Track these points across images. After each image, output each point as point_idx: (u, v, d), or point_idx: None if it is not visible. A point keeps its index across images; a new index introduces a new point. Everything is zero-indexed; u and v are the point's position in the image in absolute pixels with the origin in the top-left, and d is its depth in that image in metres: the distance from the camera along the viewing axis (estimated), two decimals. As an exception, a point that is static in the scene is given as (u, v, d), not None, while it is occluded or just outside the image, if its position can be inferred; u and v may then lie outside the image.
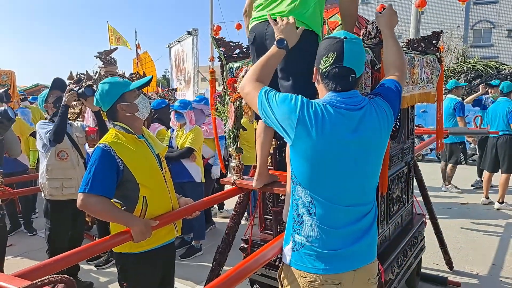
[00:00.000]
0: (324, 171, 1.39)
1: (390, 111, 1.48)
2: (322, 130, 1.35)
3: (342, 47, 1.38)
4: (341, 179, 1.41)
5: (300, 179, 1.43)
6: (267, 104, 1.43)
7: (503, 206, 5.40)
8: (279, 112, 1.40)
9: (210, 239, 4.36)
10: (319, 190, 1.41)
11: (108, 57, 4.61)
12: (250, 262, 1.54)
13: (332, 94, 1.42)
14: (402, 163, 2.62)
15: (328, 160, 1.38)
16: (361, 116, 1.40)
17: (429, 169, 7.16)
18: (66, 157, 3.15)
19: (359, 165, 1.41)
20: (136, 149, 1.93)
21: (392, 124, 1.51)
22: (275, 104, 1.41)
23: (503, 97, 5.65)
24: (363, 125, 1.40)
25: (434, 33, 2.75)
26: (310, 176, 1.40)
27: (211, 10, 15.71)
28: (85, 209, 1.83)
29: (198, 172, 4.05)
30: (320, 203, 1.41)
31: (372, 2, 27.01)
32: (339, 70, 1.38)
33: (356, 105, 1.41)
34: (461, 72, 11.53)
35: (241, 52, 2.40)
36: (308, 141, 1.36)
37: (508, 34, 26.16)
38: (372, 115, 1.42)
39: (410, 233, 2.68)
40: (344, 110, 1.38)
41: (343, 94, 1.41)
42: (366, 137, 1.40)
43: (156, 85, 15.71)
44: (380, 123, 1.44)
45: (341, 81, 1.40)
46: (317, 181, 1.41)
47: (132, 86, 1.98)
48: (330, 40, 1.42)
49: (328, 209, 1.41)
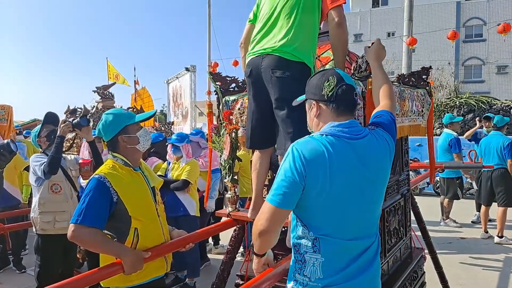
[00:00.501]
0: (332, 206, 1.37)
1: (391, 141, 1.49)
2: (328, 168, 1.33)
3: (337, 71, 1.47)
4: (348, 211, 1.39)
5: (306, 221, 1.41)
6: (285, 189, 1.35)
7: (502, 240, 5.33)
8: (288, 184, 1.35)
9: (205, 276, 4.24)
10: (325, 226, 1.39)
11: (106, 92, 4.69)
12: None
13: (332, 125, 1.42)
14: (398, 195, 2.61)
15: (336, 194, 1.36)
16: (365, 145, 1.40)
17: (426, 203, 7.11)
18: (60, 190, 3.12)
19: (366, 195, 1.40)
20: (131, 182, 1.93)
21: (393, 154, 1.51)
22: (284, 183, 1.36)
23: (496, 131, 5.75)
24: (368, 154, 1.40)
25: (424, 68, 2.83)
26: (318, 215, 1.39)
27: (208, 47, 16.20)
28: (75, 240, 1.80)
29: (193, 205, 3.99)
30: (325, 240, 1.38)
31: (364, 40, 27.99)
32: (346, 87, 1.42)
33: (358, 133, 1.41)
34: (454, 107, 11.74)
35: (236, 86, 2.45)
36: (317, 187, 1.34)
37: (498, 70, 26.99)
38: (375, 145, 1.43)
39: (409, 267, 2.62)
40: (348, 140, 1.38)
41: (343, 125, 1.41)
42: (372, 167, 1.40)
43: (154, 119, 15.86)
44: (383, 153, 1.45)
45: (348, 99, 1.44)
46: (324, 217, 1.39)
47: (136, 119, 2.01)
48: (322, 72, 1.48)
49: (333, 245, 1.38)
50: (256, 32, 1.96)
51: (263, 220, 1.37)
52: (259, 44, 1.90)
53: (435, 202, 6.84)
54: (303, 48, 1.81)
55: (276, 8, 1.90)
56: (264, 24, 1.94)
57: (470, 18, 27.98)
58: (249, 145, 2.04)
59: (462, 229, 6.09)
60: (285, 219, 1.42)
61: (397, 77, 2.62)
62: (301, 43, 1.81)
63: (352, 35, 29.76)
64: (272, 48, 1.81)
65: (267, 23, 1.91)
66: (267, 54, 1.81)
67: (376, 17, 28.84)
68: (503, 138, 5.58)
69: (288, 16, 1.85)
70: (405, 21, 10.11)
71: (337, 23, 1.80)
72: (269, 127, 1.94)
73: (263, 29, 1.92)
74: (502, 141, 5.52)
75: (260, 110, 1.95)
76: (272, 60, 1.81)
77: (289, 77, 1.70)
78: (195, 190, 4.09)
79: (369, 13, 29.65)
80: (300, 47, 1.80)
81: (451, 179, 6.23)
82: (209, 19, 16.45)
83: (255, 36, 1.96)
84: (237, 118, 2.34)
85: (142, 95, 15.04)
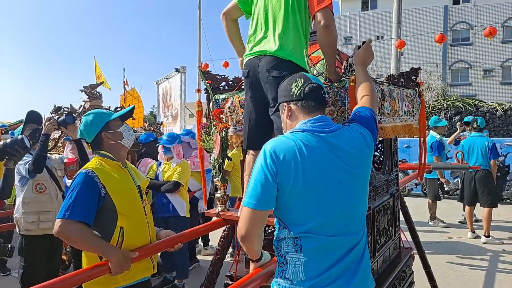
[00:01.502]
0: (309, 200, 1.36)
1: (368, 134, 1.49)
2: (300, 162, 1.33)
3: (303, 74, 1.51)
4: (328, 205, 1.36)
5: (286, 220, 1.39)
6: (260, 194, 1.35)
7: (489, 240, 5.41)
8: (263, 187, 1.35)
9: (194, 277, 4.20)
10: (306, 222, 1.36)
11: (93, 91, 4.61)
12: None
13: (302, 122, 1.43)
14: (387, 194, 2.62)
15: (312, 187, 1.35)
16: (337, 137, 1.41)
17: (414, 203, 7.18)
18: (44, 189, 3.06)
19: (345, 187, 1.38)
20: (119, 177, 1.91)
21: (372, 148, 1.51)
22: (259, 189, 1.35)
23: (477, 132, 5.88)
24: (341, 146, 1.40)
25: (413, 69, 2.85)
26: (296, 211, 1.37)
27: (199, 48, 16.14)
28: (62, 236, 1.75)
29: (183, 206, 3.95)
30: (306, 238, 1.36)
31: (354, 43, 28.20)
32: (312, 87, 1.46)
33: (329, 127, 1.42)
34: (442, 109, 11.90)
35: (227, 84, 2.43)
36: (290, 182, 1.34)
37: (484, 73, 27.47)
38: (348, 137, 1.43)
39: (398, 267, 2.63)
40: (318, 133, 1.39)
41: (312, 120, 1.43)
42: (346, 158, 1.39)
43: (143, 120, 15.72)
44: (358, 145, 1.44)
45: (316, 98, 1.45)
46: (303, 213, 1.36)
47: (115, 116, 2.00)
48: (290, 76, 1.53)
49: (315, 242, 1.35)
50: (252, 32, 1.97)
51: (243, 224, 1.38)
52: (256, 45, 1.91)
53: (423, 203, 6.91)
54: (297, 50, 1.83)
55: (268, 9, 1.90)
56: (257, 24, 1.94)
57: (457, 22, 28.43)
58: (246, 145, 2.03)
59: (449, 229, 6.16)
60: (265, 220, 1.41)
61: (387, 78, 2.64)
62: (295, 45, 1.82)
63: (342, 38, 29.99)
64: (269, 50, 1.83)
65: (262, 23, 1.92)
66: (264, 55, 1.83)
67: (366, 20, 29.11)
68: (487, 139, 5.71)
69: (280, 18, 1.85)
70: (394, 24, 10.21)
71: (324, 25, 1.78)
72: (266, 128, 1.93)
73: (258, 29, 1.93)
74: (487, 142, 5.64)
75: (258, 110, 1.95)
76: (269, 61, 1.82)
77: (285, 76, 1.71)
78: (186, 191, 4.04)
79: (359, 16, 29.92)
80: (295, 49, 1.81)
81: (432, 180, 6.33)
82: (199, 21, 16.39)
83: (251, 36, 1.97)
84: (227, 117, 2.32)
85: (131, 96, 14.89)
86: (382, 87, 2.23)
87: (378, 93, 2.10)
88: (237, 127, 2.30)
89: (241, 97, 2.26)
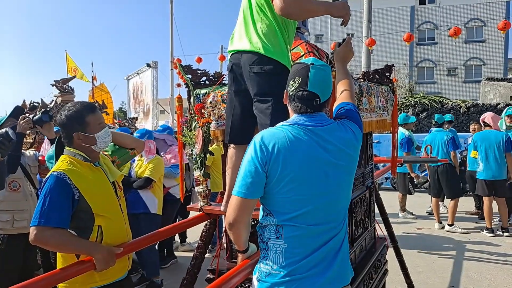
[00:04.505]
0: (295, 190, 1.39)
1: (357, 130, 1.54)
2: (289, 153, 1.37)
3: (307, 72, 1.44)
4: (312, 195, 1.41)
5: (270, 207, 1.43)
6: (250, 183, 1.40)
7: (452, 228, 5.73)
8: (252, 176, 1.39)
9: (172, 273, 4.19)
10: (289, 211, 1.40)
11: (65, 86, 4.47)
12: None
13: (298, 115, 1.47)
14: (363, 187, 2.72)
15: (298, 178, 1.39)
16: (328, 131, 1.45)
17: (384, 197, 7.39)
18: (18, 187, 2.96)
19: (330, 179, 1.43)
20: (92, 178, 1.84)
21: (361, 140, 1.56)
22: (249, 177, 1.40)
23: (437, 128, 6.22)
24: (331, 140, 1.44)
25: (387, 66, 2.96)
26: (281, 200, 1.41)
27: (171, 43, 15.89)
28: (39, 244, 1.68)
29: (154, 203, 3.87)
30: (288, 226, 1.40)
31: (325, 41, 28.66)
32: (303, 94, 1.44)
33: (322, 122, 1.46)
34: (409, 105, 12.33)
35: (207, 79, 2.43)
36: (277, 172, 1.38)
37: (449, 72, 28.66)
38: (338, 131, 1.47)
39: (374, 256, 2.74)
40: (311, 127, 1.43)
41: (308, 115, 1.46)
42: (334, 152, 1.43)
43: (112, 117, 15.34)
44: (347, 140, 1.48)
45: (305, 104, 1.46)
46: (288, 202, 1.40)
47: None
48: (298, 65, 1.50)
49: (296, 230, 1.40)
50: (236, 28, 1.96)
51: (231, 212, 1.43)
52: (238, 42, 1.90)
53: (393, 196, 7.17)
54: (277, 47, 1.80)
55: (246, 6, 1.90)
56: (239, 22, 1.94)
57: (423, 22, 29.46)
58: (228, 139, 2.03)
59: (418, 220, 6.44)
60: (252, 208, 1.46)
61: (362, 74, 2.73)
62: (273, 42, 1.80)
63: (314, 36, 30.37)
64: (249, 47, 1.82)
65: (242, 20, 1.92)
66: (245, 51, 1.83)
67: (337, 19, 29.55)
68: (446, 133, 6.05)
69: (256, 16, 1.85)
70: (364, 23, 10.48)
71: (281, 11, 1.65)
72: (248, 122, 1.94)
73: (239, 25, 1.93)
74: (446, 136, 5.98)
75: (241, 105, 1.95)
76: (250, 57, 1.82)
77: (266, 72, 1.72)
78: (159, 188, 3.97)
79: (330, 14, 30.37)
80: (274, 46, 1.79)
81: (402, 174, 6.61)
82: (171, 15, 16.13)
83: (233, 32, 1.97)
84: (209, 112, 2.32)
85: (100, 92, 14.49)
86: (360, 83, 2.31)
87: (356, 89, 2.17)
88: (219, 122, 2.31)
89: (223, 92, 2.26)
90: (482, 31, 28.13)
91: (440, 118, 6.30)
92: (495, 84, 15.86)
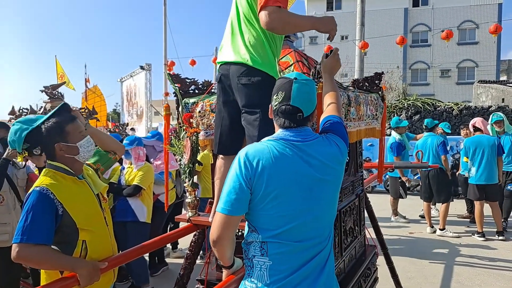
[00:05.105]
0: (280, 206, 1.38)
1: (341, 143, 1.53)
2: (273, 168, 1.36)
3: (290, 87, 1.44)
4: (298, 211, 1.39)
5: (255, 224, 1.42)
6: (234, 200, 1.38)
7: (443, 233, 5.75)
8: (237, 194, 1.38)
9: (163, 280, 4.16)
10: (274, 227, 1.39)
11: (54, 92, 4.42)
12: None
13: (283, 130, 1.47)
14: (353, 195, 2.71)
15: (283, 194, 1.38)
16: (312, 146, 1.44)
17: (377, 200, 7.45)
18: (2, 200, 2.90)
19: (315, 194, 1.42)
20: (76, 191, 1.80)
21: (346, 154, 1.55)
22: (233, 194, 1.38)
23: (428, 132, 6.25)
24: (315, 155, 1.43)
25: (376, 73, 2.97)
26: (266, 216, 1.40)
27: (164, 45, 15.82)
28: (22, 261, 1.66)
29: (143, 211, 3.80)
30: (273, 243, 1.39)
31: (319, 43, 28.74)
32: (286, 108, 1.44)
33: (307, 137, 1.45)
34: (403, 108, 12.39)
35: (196, 88, 2.42)
36: (262, 188, 1.37)
37: (442, 74, 28.87)
38: (323, 146, 1.47)
39: (363, 264, 2.73)
40: (296, 142, 1.42)
41: (293, 130, 1.46)
42: (319, 167, 1.42)
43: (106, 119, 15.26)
44: (332, 155, 1.47)
45: (289, 119, 1.45)
46: (273, 219, 1.39)
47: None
48: (282, 80, 1.50)
49: (281, 247, 1.39)
50: (224, 39, 1.95)
51: (215, 229, 1.41)
52: (226, 52, 1.89)
53: (386, 199, 7.19)
54: (265, 58, 1.80)
55: (234, 18, 1.90)
56: (227, 33, 1.93)
57: (416, 24, 29.65)
58: (217, 150, 2.03)
59: (410, 224, 6.46)
60: (237, 225, 1.44)
61: (352, 82, 2.73)
62: (261, 53, 1.79)
63: (308, 37, 30.45)
64: (236, 58, 1.82)
65: (230, 31, 1.91)
66: (233, 63, 1.82)
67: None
68: (436, 138, 6.09)
69: (243, 27, 1.84)
70: (358, 26, 10.50)
71: (266, 26, 1.63)
72: (237, 133, 1.94)
73: (227, 37, 1.92)
74: (436, 140, 6.02)
75: (229, 116, 1.95)
76: (238, 68, 1.81)
77: (254, 84, 1.72)
78: (148, 196, 3.90)
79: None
80: (262, 57, 1.79)
81: (393, 178, 6.63)
82: (165, 17, 16.06)
83: (222, 43, 1.96)
84: (197, 121, 2.31)
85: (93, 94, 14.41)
86: (348, 93, 2.30)
87: (344, 99, 2.17)
88: (208, 132, 2.30)
89: (212, 101, 2.25)
90: (474, 33, 28.36)
91: (430, 123, 6.33)
92: (487, 87, 15.99)
